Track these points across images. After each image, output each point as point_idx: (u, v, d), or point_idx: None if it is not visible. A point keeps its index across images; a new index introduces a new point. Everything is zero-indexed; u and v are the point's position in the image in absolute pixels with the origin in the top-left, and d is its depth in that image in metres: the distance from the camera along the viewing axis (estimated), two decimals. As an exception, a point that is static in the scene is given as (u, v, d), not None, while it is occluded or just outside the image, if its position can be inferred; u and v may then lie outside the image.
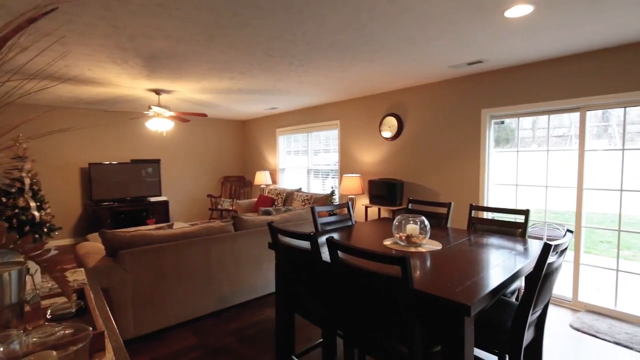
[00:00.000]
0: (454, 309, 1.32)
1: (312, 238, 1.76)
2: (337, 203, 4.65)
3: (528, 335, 1.73)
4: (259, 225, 3.44)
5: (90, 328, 0.77)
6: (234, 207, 6.71)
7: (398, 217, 2.30)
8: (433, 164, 4.26)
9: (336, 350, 2.55)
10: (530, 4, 2.11)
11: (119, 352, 1.01)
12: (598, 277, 3.87)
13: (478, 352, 2.50)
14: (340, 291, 1.67)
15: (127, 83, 3.98)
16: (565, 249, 1.71)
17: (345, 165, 5.44)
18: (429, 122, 4.29)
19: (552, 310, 3.19)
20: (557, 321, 2.97)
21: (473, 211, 2.78)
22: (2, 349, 0.66)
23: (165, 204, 6.35)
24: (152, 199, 6.27)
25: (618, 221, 3.10)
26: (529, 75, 3.43)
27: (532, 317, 1.68)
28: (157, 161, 6.40)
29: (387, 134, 4.75)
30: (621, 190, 3.02)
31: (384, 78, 3.97)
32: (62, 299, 1.37)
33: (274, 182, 7.00)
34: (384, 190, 4.45)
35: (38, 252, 0.75)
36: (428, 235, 2.21)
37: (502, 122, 3.83)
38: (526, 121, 3.79)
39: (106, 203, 5.74)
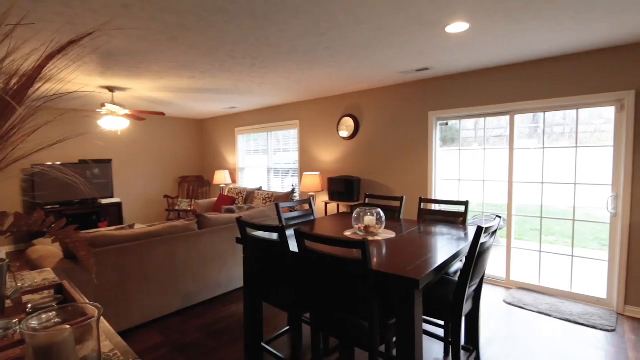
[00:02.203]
0: (406, 284, 1.55)
1: (280, 229, 1.92)
2: (296, 200, 4.82)
3: (467, 307, 2.03)
4: (223, 223, 3.51)
5: (100, 305, 0.86)
6: (192, 208, 6.60)
7: (357, 210, 2.52)
8: (387, 162, 4.59)
9: (302, 333, 2.72)
10: (466, 22, 2.44)
11: (111, 337, 1.10)
12: (527, 259, 4.43)
13: (427, 327, 2.82)
14: (308, 277, 1.84)
15: (78, 79, 3.81)
16: (495, 231, 2.03)
17: (305, 164, 5.62)
18: (383, 122, 4.61)
19: (489, 289, 3.63)
20: (493, 298, 3.40)
21: (422, 203, 3.10)
22: (22, 326, 0.74)
23: (118, 205, 6.09)
24: (104, 201, 5.97)
25: (540, 210, 3.61)
26: (468, 82, 3.85)
27: (470, 290, 1.98)
28: (109, 161, 6.12)
29: (344, 133, 5.00)
30: (542, 183, 3.53)
31: (341, 81, 4.20)
32: (39, 295, 1.40)
33: (234, 181, 6.99)
34: (342, 187, 4.69)
35: (67, 234, 0.83)
36: (383, 225, 2.45)
37: (447, 124, 4.24)
38: (469, 122, 4.23)
39: (50, 206, 5.39)
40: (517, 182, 3.64)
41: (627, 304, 3.03)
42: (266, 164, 6.44)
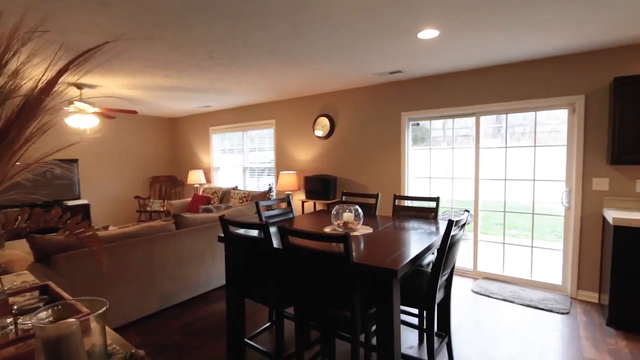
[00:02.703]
0: (385, 274, 1.67)
1: (264, 226, 1.98)
2: (275, 199, 4.86)
3: (439, 295, 2.19)
4: (202, 223, 3.50)
5: (105, 300, 0.89)
6: (165, 208, 6.46)
7: (336, 207, 2.62)
8: (362, 160, 4.74)
9: (283, 327, 2.79)
10: (436, 30, 2.60)
11: (107, 332, 1.12)
12: (492, 251, 4.73)
13: (403, 316, 2.97)
14: (292, 272, 1.91)
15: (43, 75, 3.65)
16: (464, 224, 2.20)
17: (282, 163, 5.66)
18: (358, 122, 4.75)
19: (458, 280, 3.86)
20: (462, 288, 3.63)
21: (396, 200, 3.25)
22: (32, 320, 0.77)
23: (85, 207, 5.84)
24: (70, 203, 5.72)
25: (503, 205, 3.88)
26: (438, 85, 4.06)
27: (442, 279, 2.13)
28: (75, 161, 5.86)
29: (320, 133, 5.10)
30: (505, 179, 3.80)
31: (317, 81, 4.29)
32: (22, 297, 1.38)
33: (209, 181, 6.90)
34: (319, 186, 4.79)
35: (82, 230, 0.85)
36: (361, 221, 2.57)
37: (418, 124, 4.45)
38: (438, 123, 4.45)
39: (10, 209, 5.09)
40: (482, 179, 3.89)
41: (580, 288, 3.34)
42: (242, 163, 6.42)
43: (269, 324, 2.82)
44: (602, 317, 2.94)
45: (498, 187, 3.91)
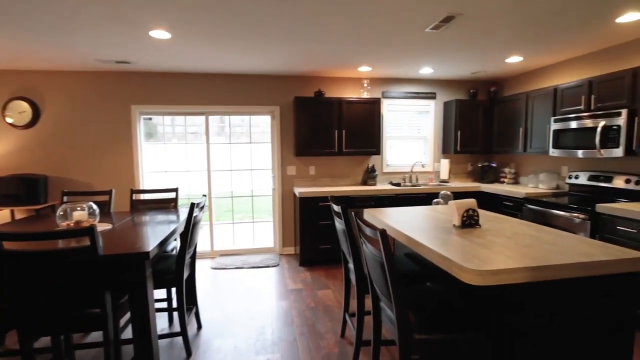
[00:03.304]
0: (138, 258, 1.79)
1: (-41, 238, 1.54)
2: None
3: (186, 273, 2.50)
4: None
5: None
6: None
7: (62, 207, 2.33)
8: (86, 156, 4.16)
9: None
10: (168, 32, 2.83)
11: None
12: (225, 232, 5.52)
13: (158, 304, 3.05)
14: (14, 285, 1.62)
15: None
16: (203, 206, 2.62)
17: (-59, 160, 3.93)
18: (78, 111, 4.11)
19: (199, 262, 4.31)
20: (203, 268, 4.09)
21: (134, 195, 3.22)
22: None
23: None
24: None
25: (231, 192, 4.67)
26: (172, 82, 4.24)
27: (187, 257, 2.46)
28: None
29: (14, 120, 3.97)
30: (231, 170, 4.58)
31: (9, 53, 3.36)
32: None
33: None
34: (20, 189, 3.77)
35: None
36: (98, 218, 2.43)
37: (150, 119, 4.45)
38: (167, 119, 4.62)
39: None
40: (213, 171, 4.49)
41: (284, 246, 4.64)
42: None
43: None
44: (297, 262, 4.27)
45: (226, 177, 4.64)
